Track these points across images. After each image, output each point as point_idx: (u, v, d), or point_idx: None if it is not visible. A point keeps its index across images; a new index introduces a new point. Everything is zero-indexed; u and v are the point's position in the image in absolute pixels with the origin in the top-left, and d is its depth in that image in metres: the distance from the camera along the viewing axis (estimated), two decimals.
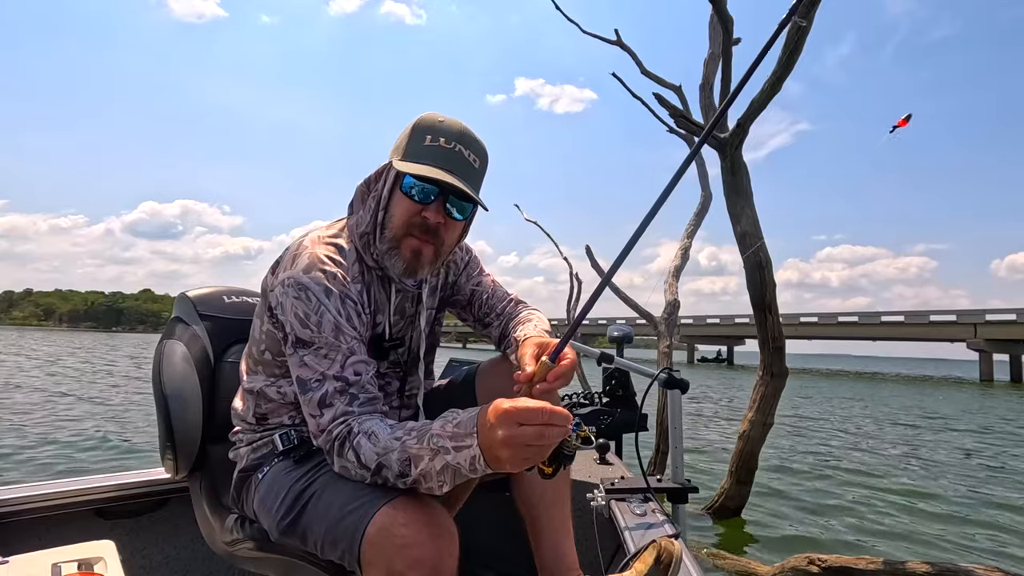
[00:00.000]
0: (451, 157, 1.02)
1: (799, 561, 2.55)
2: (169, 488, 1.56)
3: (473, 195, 1.02)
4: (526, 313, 1.26)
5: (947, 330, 39.78)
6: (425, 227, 1.04)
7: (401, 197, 1.04)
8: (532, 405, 0.77)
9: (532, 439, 0.77)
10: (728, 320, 51.69)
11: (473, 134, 1.06)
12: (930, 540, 3.69)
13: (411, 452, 0.85)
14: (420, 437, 0.86)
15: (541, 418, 0.76)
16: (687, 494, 1.66)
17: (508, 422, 0.77)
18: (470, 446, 0.81)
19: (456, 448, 0.82)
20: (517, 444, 0.77)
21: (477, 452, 0.80)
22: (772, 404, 3.68)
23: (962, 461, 6.65)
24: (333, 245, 1.07)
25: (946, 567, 2.29)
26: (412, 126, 1.04)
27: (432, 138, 1.02)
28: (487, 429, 0.79)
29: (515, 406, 0.77)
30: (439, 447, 0.83)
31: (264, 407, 1.14)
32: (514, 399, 0.79)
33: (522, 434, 0.76)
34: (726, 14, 3.47)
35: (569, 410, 0.93)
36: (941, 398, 17.44)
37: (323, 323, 0.97)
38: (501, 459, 0.79)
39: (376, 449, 0.88)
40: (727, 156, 3.56)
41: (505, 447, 0.77)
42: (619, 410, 2.23)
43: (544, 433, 0.77)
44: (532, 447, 0.77)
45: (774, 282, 3.60)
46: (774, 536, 3.61)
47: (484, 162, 1.08)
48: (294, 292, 0.98)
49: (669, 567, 1.03)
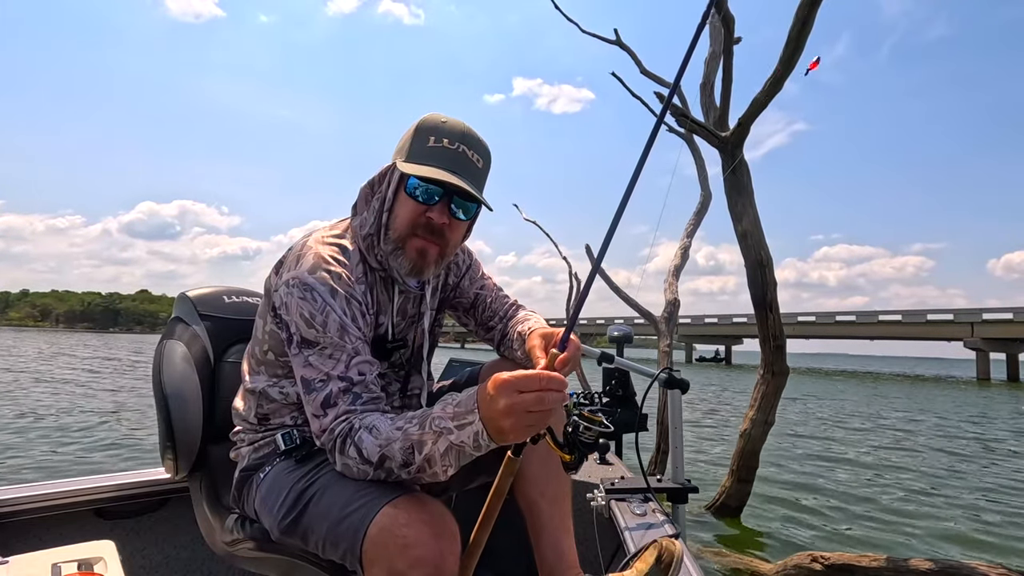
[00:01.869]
0: (455, 158, 1.02)
1: (802, 559, 2.55)
2: (169, 488, 1.56)
3: (478, 195, 1.03)
4: (524, 314, 1.28)
5: (944, 329, 39.88)
6: (430, 228, 1.05)
7: (406, 198, 1.05)
8: (529, 372, 0.80)
9: (532, 404, 0.78)
10: (726, 320, 51.73)
11: (476, 134, 1.06)
12: (933, 537, 3.70)
13: (413, 439, 0.86)
14: (421, 423, 0.86)
15: (539, 384, 0.78)
16: (687, 494, 1.67)
17: (507, 391, 0.78)
18: (472, 422, 0.82)
19: (459, 427, 0.83)
20: (519, 411, 0.78)
21: (480, 427, 0.81)
22: (773, 403, 3.69)
23: (963, 459, 6.67)
24: (337, 246, 1.07)
25: (949, 564, 2.29)
26: (415, 127, 1.05)
27: (435, 139, 1.02)
28: (487, 402, 0.80)
29: (512, 375, 0.79)
30: (441, 428, 0.84)
31: (266, 407, 1.13)
32: (512, 371, 0.81)
33: (522, 401, 0.78)
34: (728, 13, 3.47)
35: (569, 411, 0.93)
36: (939, 397, 17.48)
37: (328, 323, 0.97)
38: (504, 430, 0.80)
39: (378, 441, 0.88)
40: (728, 155, 3.56)
41: (507, 416, 0.78)
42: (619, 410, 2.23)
43: (543, 398, 0.78)
44: (533, 413, 0.79)
45: (775, 281, 3.60)
46: (776, 534, 3.62)
47: (487, 162, 1.08)
48: (299, 292, 0.98)
49: (670, 567, 1.02)
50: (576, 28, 5.57)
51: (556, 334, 1.04)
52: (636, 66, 5.23)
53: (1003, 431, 9.58)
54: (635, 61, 5.25)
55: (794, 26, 3.10)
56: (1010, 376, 34.56)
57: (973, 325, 37.20)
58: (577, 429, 0.91)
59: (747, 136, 3.48)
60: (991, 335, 36.15)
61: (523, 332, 1.17)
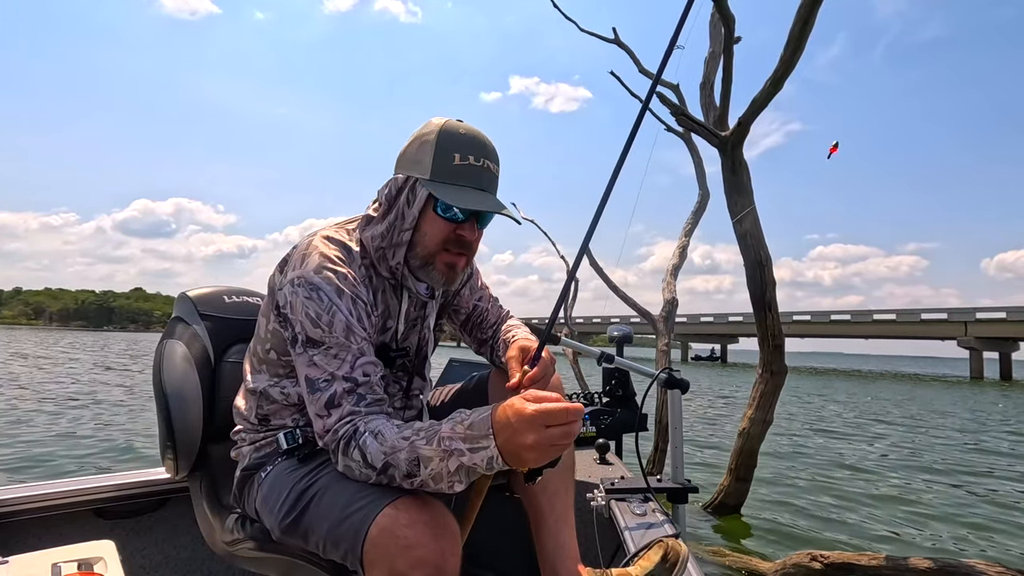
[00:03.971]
0: (482, 176, 1.03)
1: (801, 557, 2.55)
2: (169, 488, 1.55)
3: (514, 217, 1.06)
4: (510, 323, 1.34)
5: (938, 328, 40.11)
6: (460, 243, 1.07)
7: (435, 217, 1.05)
8: (556, 407, 0.79)
9: (559, 439, 0.79)
10: (722, 319, 51.89)
11: (490, 142, 1.07)
12: (932, 536, 3.71)
13: (420, 453, 0.85)
14: (429, 439, 0.85)
15: (565, 418, 0.79)
16: (687, 494, 1.66)
17: (535, 426, 0.79)
18: (486, 447, 0.82)
19: (471, 449, 0.83)
20: (545, 446, 0.79)
21: (495, 453, 0.81)
22: (772, 401, 3.70)
23: (960, 457, 6.70)
24: (343, 246, 1.07)
25: (948, 563, 2.29)
26: (436, 141, 1.03)
27: (461, 156, 1.02)
28: (510, 433, 0.80)
29: (540, 409, 0.79)
30: (452, 449, 0.83)
31: (267, 408, 1.13)
32: (534, 400, 0.81)
33: (549, 436, 0.79)
34: (728, 12, 3.47)
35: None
36: (934, 395, 17.58)
37: (335, 323, 0.97)
38: (526, 460, 0.81)
39: (383, 448, 0.87)
40: (728, 154, 3.56)
41: (533, 450, 0.79)
42: (619, 410, 2.23)
43: (569, 432, 0.80)
44: (557, 446, 0.80)
45: (774, 280, 3.61)
46: (775, 533, 3.62)
47: (499, 167, 1.09)
48: (305, 291, 0.98)
49: (675, 566, 1.02)
50: (574, 27, 5.57)
51: (532, 349, 1.09)
52: (635, 65, 5.22)
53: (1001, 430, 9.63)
54: (633, 60, 5.24)
55: (795, 25, 3.10)
56: (1003, 375, 34.80)
57: (966, 324, 37.43)
58: None
59: (747, 135, 3.48)
60: (984, 334, 36.40)
61: (507, 341, 1.24)
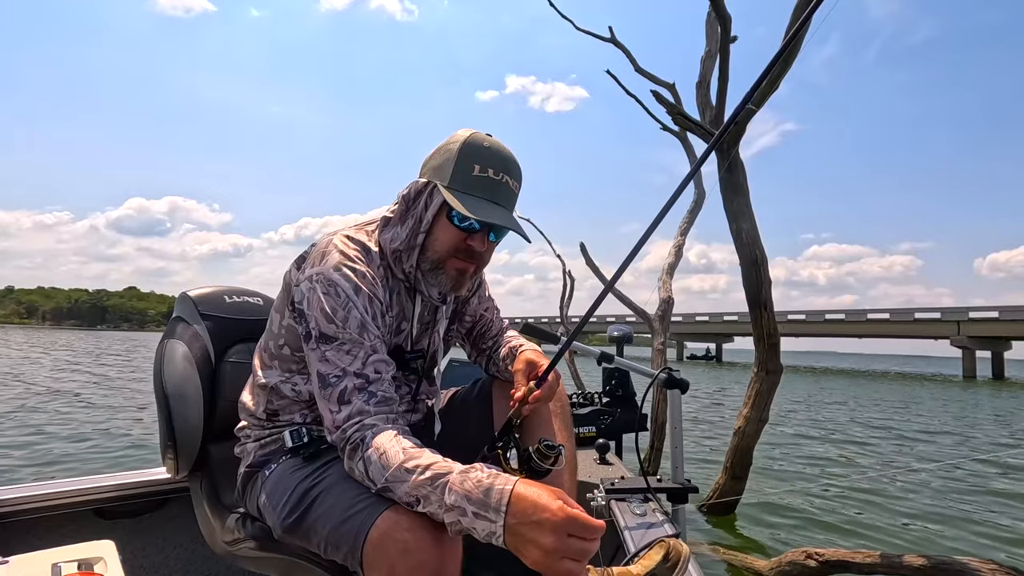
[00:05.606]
0: (499, 190, 1.03)
1: (796, 555, 2.57)
2: (169, 488, 1.55)
3: (524, 235, 1.07)
4: (512, 333, 1.37)
5: (931, 328, 40.37)
6: (470, 252, 1.08)
7: (447, 223, 1.06)
8: (586, 520, 0.73)
9: (574, 554, 0.72)
10: (717, 318, 51.99)
11: (514, 158, 1.07)
12: (927, 534, 3.73)
13: (420, 493, 0.82)
14: (433, 481, 0.81)
15: (591, 534, 0.73)
16: (687, 494, 1.67)
17: (559, 530, 0.72)
18: (493, 521, 0.76)
19: (476, 514, 0.77)
20: (558, 555, 0.72)
21: (500, 531, 0.75)
22: (767, 400, 3.72)
23: (957, 456, 6.74)
24: (362, 246, 1.08)
25: (942, 560, 2.31)
26: (459, 149, 1.03)
27: (481, 168, 1.02)
28: (527, 524, 0.74)
29: (573, 515, 0.73)
30: (453, 504, 0.78)
31: (276, 403, 1.13)
32: (566, 503, 0.75)
33: (567, 547, 0.72)
34: (724, 12, 3.48)
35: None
36: (928, 394, 17.68)
37: (349, 319, 0.97)
38: (530, 557, 0.74)
39: (385, 474, 0.86)
40: (724, 154, 3.57)
41: (544, 553, 0.72)
42: (619, 410, 2.24)
43: (586, 551, 0.73)
44: (567, 561, 0.72)
45: (769, 279, 3.63)
46: (770, 531, 3.64)
47: (521, 185, 1.10)
48: (322, 288, 0.99)
49: (676, 565, 1.03)
50: (571, 25, 5.58)
51: (540, 366, 1.12)
52: (631, 64, 5.23)
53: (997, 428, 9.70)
54: (630, 59, 5.26)
55: (791, 25, 3.11)
56: (995, 374, 35.07)
57: (959, 323, 37.69)
58: (531, 457, 0.95)
59: (743, 135, 3.50)
60: (977, 333, 36.66)
61: (514, 348, 1.25)
